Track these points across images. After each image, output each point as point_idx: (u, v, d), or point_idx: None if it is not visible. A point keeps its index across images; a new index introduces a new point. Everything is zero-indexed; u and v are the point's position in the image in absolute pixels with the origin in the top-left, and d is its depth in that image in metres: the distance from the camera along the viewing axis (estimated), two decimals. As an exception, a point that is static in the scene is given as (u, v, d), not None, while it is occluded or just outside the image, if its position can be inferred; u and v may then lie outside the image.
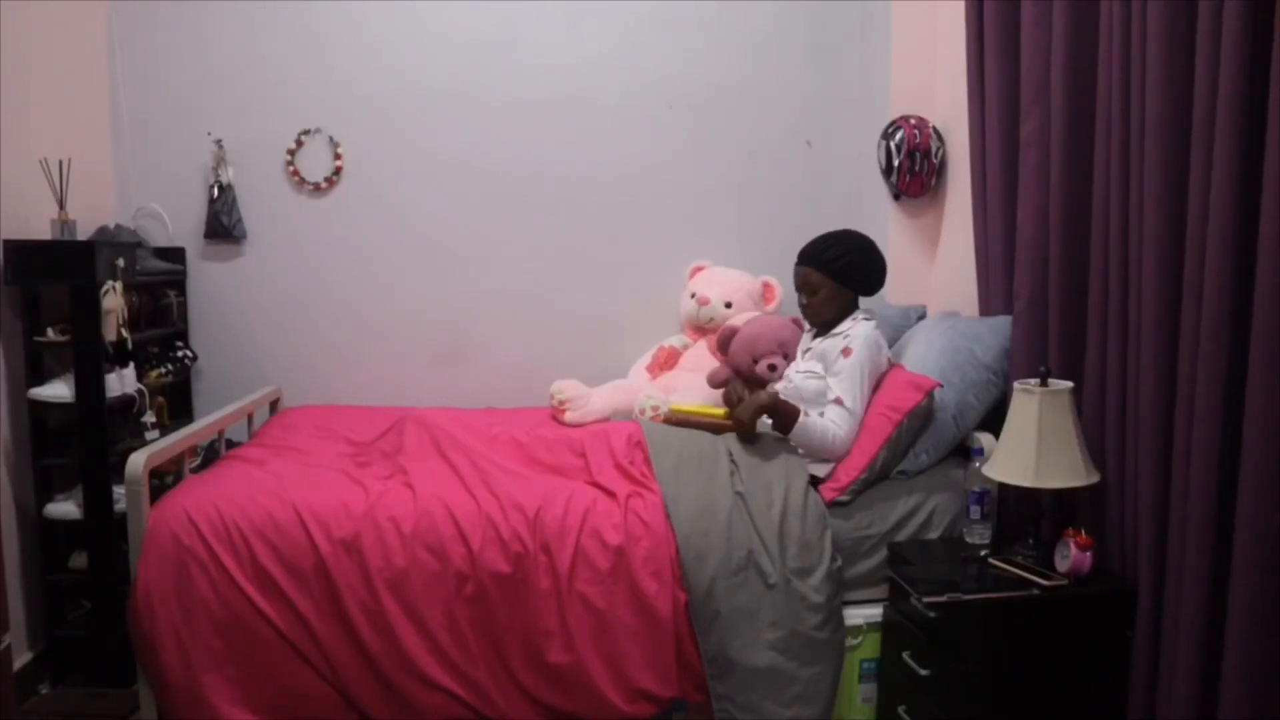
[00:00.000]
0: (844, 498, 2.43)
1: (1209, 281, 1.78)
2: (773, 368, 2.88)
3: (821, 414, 2.53)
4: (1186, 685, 1.83)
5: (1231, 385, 1.76)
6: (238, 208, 3.36)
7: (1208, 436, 1.79)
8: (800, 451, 2.53)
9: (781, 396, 2.63)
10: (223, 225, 3.32)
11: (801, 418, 2.50)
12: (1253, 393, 1.67)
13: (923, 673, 2.12)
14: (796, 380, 2.63)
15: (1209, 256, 1.78)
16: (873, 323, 2.62)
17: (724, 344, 3.06)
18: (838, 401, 2.52)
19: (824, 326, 2.70)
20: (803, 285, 2.68)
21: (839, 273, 2.61)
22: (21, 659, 2.64)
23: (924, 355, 2.68)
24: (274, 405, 3.40)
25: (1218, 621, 1.78)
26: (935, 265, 3.46)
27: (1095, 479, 2.13)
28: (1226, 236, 1.74)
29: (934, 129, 3.31)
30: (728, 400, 2.80)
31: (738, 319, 3.22)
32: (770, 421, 2.57)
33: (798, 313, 2.80)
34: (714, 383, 3.03)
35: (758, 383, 2.90)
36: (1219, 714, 1.74)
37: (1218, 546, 1.79)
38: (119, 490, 2.61)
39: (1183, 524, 1.87)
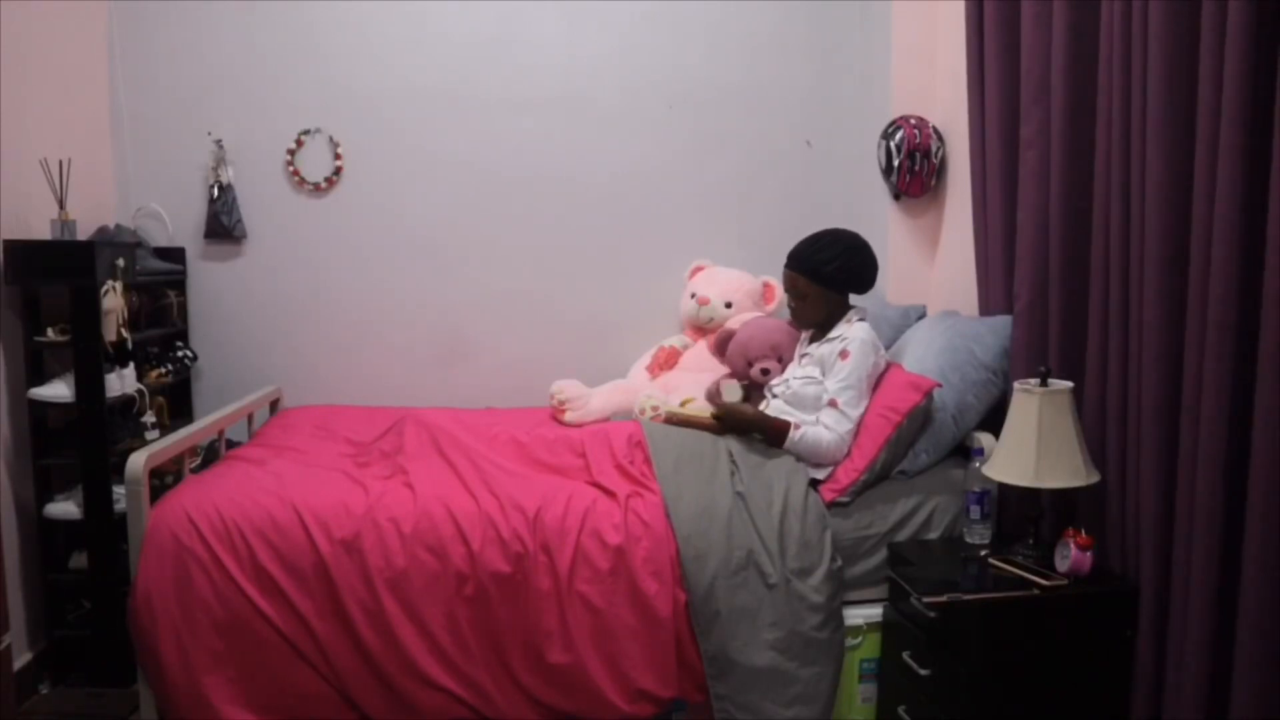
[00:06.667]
0: (844, 499, 2.43)
1: (1214, 280, 1.77)
2: (766, 372, 2.87)
3: (817, 419, 2.53)
4: (1195, 686, 1.82)
5: (1237, 383, 1.76)
6: (238, 208, 3.36)
7: (1214, 435, 1.78)
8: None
9: (781, 401, 2.63)
10: (223, 225, 3.32)
11: (791, 432, 2.50)
12: (1262, 390, 1.67)
13: (923, 673, 2.12)
14: (795, 386, 2.62)
15: (1214, 255, 1.77)
16: (866, 323, 2.62)
17: (721, 347, 3.06)
18: (832, 404, 2.52)
19: (817, 329, 2.70)
20: (790, 288, 2.67)
21: (826, 278, 2.60)
22: (21, 659, 2.64)
23: (924, 355, 2.68)
24: (274, 405, 3.40)
25: (1225, 621, 1.77)
26: (935, 265, 3.46)
27: (1095, 479, 2.13)
28: (1232, 235, 1.73)
29: (934, 129, 3.31)
30: (709, 396, 2.80)
31: (736, 320, 3.22)
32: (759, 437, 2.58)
33: (792, 314, 2.80)
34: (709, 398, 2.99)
35: (755, 386, 2.90)
36: (1229, 716, 1.73)
37: (1224, 545, 1.79)
38: (119, 490, 2.61)
39: (1188, 523, 1.86)
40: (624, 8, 3.45)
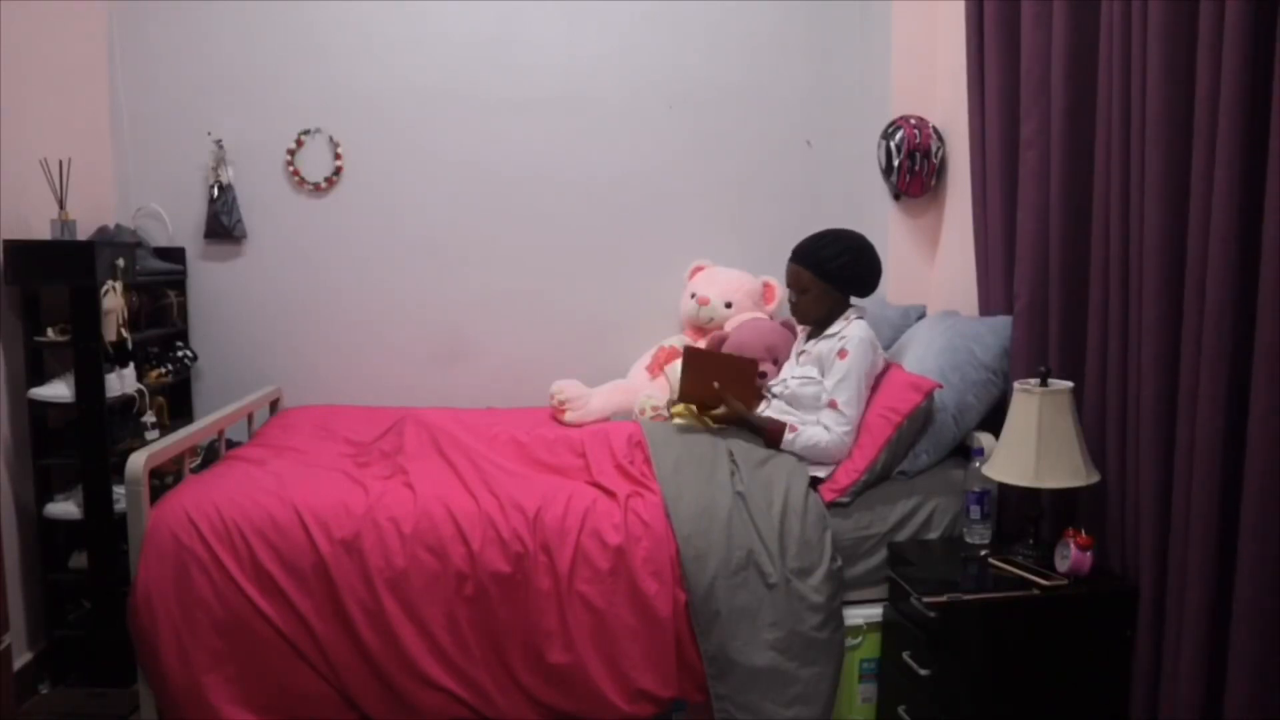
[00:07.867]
0: (844, 499, 2.43)
1: (1211, 280, 1.78)
2: (761, 374, 2.87)
3: (817, 419, 2.53)
4: (1190, 686, 1.82)
5: (1234, 384, 1.76)
6: (238, 208, 3.36)
7: (1210, 435, 1.79)
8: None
9: (779, 400, 2.63)
10: (223, 225, 3.32)
11: (786, 434, 2.50)
12: (1258, 392, 1.67)
13: (923, 673, 2.12)
14: (793, 386, 2.62)
15: (1211, 255, 1.77)
16: (864, 322, 2.62)
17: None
18: (832, 404, 2.52)
19: (816, 326, 2.70)
20: (793, 283, 2.67)
21: (831, 274, 2.60)
22: (21, 659, 2.64)
23: (924, 355, 2.68)
24: (274, 405, 3.40)
25: (1222, 621, 1.77)
26: (935, 265, 3.46)
27: (1095, 479, 2.13)
28: (1229, 235, 1.74)
29: (934, 129, 3.31)
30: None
31: (733, 321, 3.21)
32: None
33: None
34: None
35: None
36: (1224, 715, 1.74)
37: (1221, 546, 1.79)
38: (119, 490, 2.61)
39: (1185, 523, 1.87)
40: (624, 8, 3.45)
